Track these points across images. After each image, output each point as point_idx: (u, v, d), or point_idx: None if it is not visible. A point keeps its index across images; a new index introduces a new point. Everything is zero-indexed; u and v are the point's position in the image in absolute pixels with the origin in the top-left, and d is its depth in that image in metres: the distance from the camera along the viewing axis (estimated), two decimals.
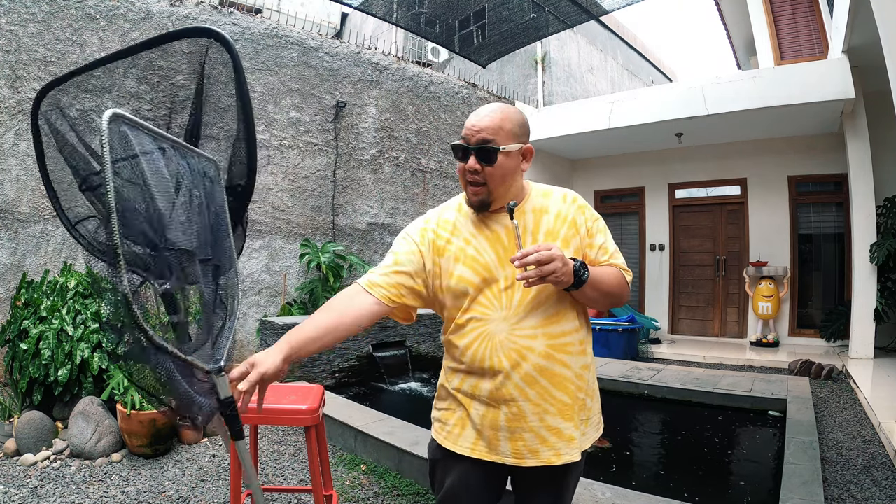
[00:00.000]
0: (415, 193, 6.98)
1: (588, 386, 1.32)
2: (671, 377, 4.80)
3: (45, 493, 2.58)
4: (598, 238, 1.34)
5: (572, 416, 1.27)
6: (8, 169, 4.17)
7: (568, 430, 1.26)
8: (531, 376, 1.24)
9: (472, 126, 1.25)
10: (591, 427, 1.34)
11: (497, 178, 1.25)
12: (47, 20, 4.34)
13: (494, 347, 1.25)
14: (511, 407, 1.25)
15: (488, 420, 1.27)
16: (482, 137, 1.24)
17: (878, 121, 5.83)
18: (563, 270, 1.13)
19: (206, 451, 3.24)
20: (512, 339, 1.24)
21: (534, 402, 1.24)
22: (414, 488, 2.68)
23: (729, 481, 2.97)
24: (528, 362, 1.23)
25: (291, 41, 5.72)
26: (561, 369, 1.25)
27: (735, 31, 10.52)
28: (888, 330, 6.02)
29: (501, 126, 1.25)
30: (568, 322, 1.27)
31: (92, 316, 3.53)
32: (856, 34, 5.06)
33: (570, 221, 1.32)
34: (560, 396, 1.25)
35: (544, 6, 5.70)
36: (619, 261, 1.36)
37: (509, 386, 1.24)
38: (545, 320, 1.25)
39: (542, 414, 1.24)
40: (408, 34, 9.41)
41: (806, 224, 7.34)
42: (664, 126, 6.83)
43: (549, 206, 1.34)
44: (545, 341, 1.24)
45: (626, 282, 1.34)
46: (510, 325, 1.24)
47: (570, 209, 1.34)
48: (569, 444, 1.26)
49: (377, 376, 4.96)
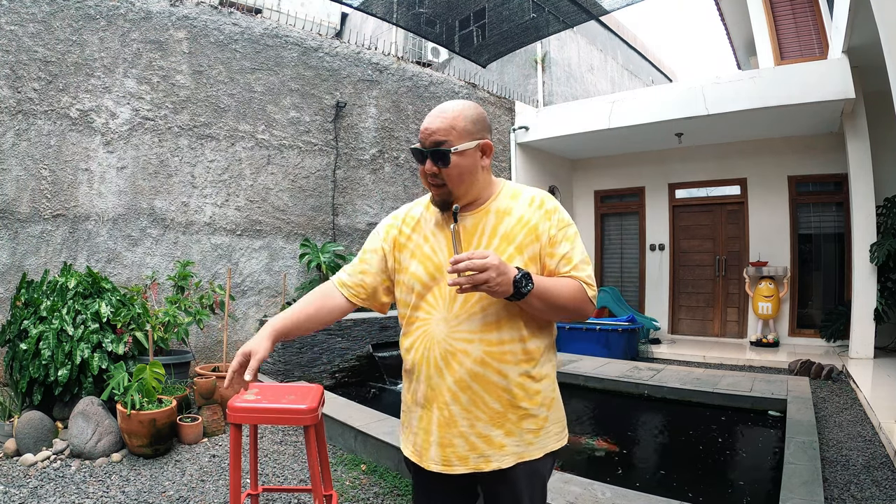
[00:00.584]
0: (415, 193, 6.98)
1: (535, 395, 1.26)
2: (671, 377, 4.80)
3: (45, 493, 2.58)
4: (561, 247, 1.26)
5: (504, 423, 1.23)
6: (8, 169, 4.17)
7: (498, 438, 1.23)
8: (464, 381, 1.22)
9: (425, 129, 1.25)
10: (540, 438, 1.27)
11: (454, 177, 1.24)
12: (47, 20, 4.34)
13: (432, 348, 1.25)
14: (443, 410, 1.25)
15: (423, 423, 1.28)
16: (434, 140, 1.23)
17: (878, 121, 5.83)
18: (496, 280, 1.08)
19: (206, 451, 3.24)
20: (449, 341, 1.23)
21: (464, 406, 1.23)
22: None
23: (729, 481, 2.97)
24: (463, 366, 1.22)
25: (291, 41, 5.72)
26: (495, 377, 1.22)
27: (735, 31, 10.52)
28: (888, 330, 6.02)
29: (453, 126, 1.23)
30: (510, 332, 1.23)
31: (92, 316, 3.53)
32: (856, 34, 5.06)
33: (530, 227, 1.26)
34: (492, 404, 1.23)
35: (544, 6, 5.70)
36: (584, 273, 1.26)
37: (442, 388, 1.24)
38: (484, 326, 1.22)
39: (473, 420, 1.23)
40: (408, 34, 9.42)
41: (806, 224, 7.34)
42: (664, 126, 6.83)
43: (513, 208, 1.30)
44: (482, 347, 1.22)
45: (585, 296, 1.24)
46: (450, 327, 1.24)
47: (534, 214, 1.28)
48: (499, 451, 1.23)
49: (377, 376, 4.96)
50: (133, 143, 4.73)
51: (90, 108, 4.53)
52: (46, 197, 4.33)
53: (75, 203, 4.45)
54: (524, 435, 1.25)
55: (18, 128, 4.22)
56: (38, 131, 4.30)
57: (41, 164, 4.30)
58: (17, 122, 4.21)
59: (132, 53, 4.72)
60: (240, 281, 5.28)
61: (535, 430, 1.26)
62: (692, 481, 2.90)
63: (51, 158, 4.35)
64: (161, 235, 4.85)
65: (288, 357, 4.38)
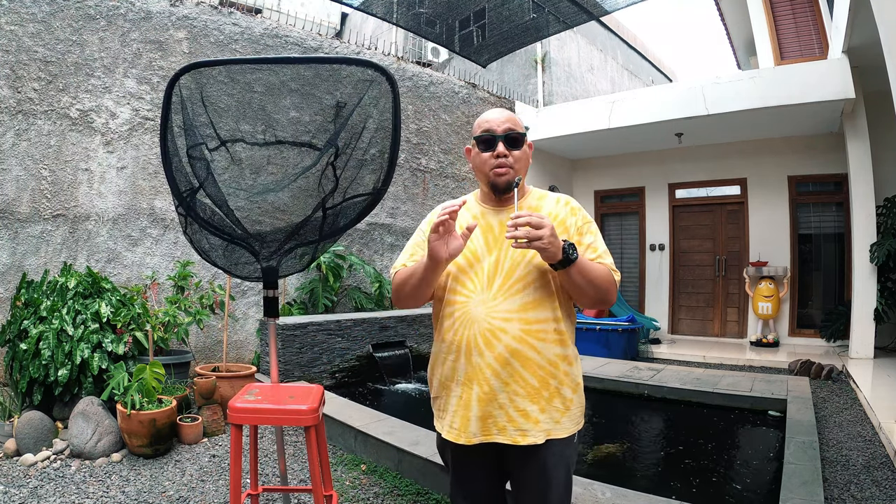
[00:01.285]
0: (415, 193, 6.98)
1: (565, 376, 1.37)
2: (671, 377, 4.79)
3: (45, 493, 2.58)
4: (587, 237, 1.41)
5: (539, 399, 1.33)
6: (8, 169, 4.17)
7: (534, 413, 1.32)
8: (503, 356, 1.32)
9: (496, 119, 1.43)
10: (566, 417, 1.37)
11: (522, 161, 1.44)
12: (47, 20, 4.34)
13: (472, 327, 1.35)
14: (483, 386, 1.33)
15: (463, 401, 1.36)
16: (508, 127, 1.42)
17: (878, 121, 5.83)
18: (549, 240, 1.20)
19: (206, 451, 3.24)
20: (488, 320, 1.33)
21: (504, 381, 1.32)
22: (414, 488, 2.68)
23: (729, 481, 2.97)
24: (502, 343, 1.32)
25: (291, 41, 5.72)
26: (532, 353, 1.33)
27: (735, 31, 10.52)
28: (888, 330, 6.02)
29: (517, 121, 1.46)
30: (545, 311, 1.35)
31: (92, 316, 3.52)
32: (856, 34, 5.06)
33: (558, 221, 1.41)
34: (530, 380, 1.33)
35: (544, 6, 5.70)
36: (608, 261, 1.40)
37: (481, 365, 1.33)
38: (522, 306, 1.33)
39: (512, 395, 1.32)
40: (408, 34, 9.41)
41: (806, 224, 7.34)
42: (664, 126, 6.83)
43: (542, 206, 1.47)
44: (519, 325, 1.32)
45: (613, 280, 1.38)
46: (488, 307, 1.34)
47: (560, 210, 1.45)
48: (534, 426, 1.32)
49: (377, 376, 4.96)
50: (133, 143, 4.73)
51: (90, 108, 4.53)
52: (46, 197, 4.33)
53: (75, 203, 4.45)
54: (553, 413, 1.35)
55: (18, 128, 4.22)
56: (38, 131, 4.30)
57: (41, 164, 4.30)
58: (17, 122, 4.21)
59: (132, 53, 4.72)
60: (240, 281, 5.28)
61: (562, 409, 1.36)
62: (692, 481, 2.90)
63: (51, 158, 4.35)
64: (161, 235, 4.85)
65: (288, 357, 4.38)
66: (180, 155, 1.79)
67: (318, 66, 1.77)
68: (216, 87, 1.77)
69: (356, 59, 1.74)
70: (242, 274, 1.88)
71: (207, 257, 1.88)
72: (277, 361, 3.92)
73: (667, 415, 4.32)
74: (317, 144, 1.82)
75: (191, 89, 1.74)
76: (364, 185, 1.79)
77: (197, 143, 1.80)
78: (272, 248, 1.82)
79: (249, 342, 5.36)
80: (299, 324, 4.50)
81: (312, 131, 1.83)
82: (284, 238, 1.82)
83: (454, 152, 7.42)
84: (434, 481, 2.63)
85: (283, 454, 1.91)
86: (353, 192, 1.81)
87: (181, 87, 1.72)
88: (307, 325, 4.55)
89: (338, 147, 1.80)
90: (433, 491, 2.63)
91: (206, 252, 1.87)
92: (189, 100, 1.74)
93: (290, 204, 1.82)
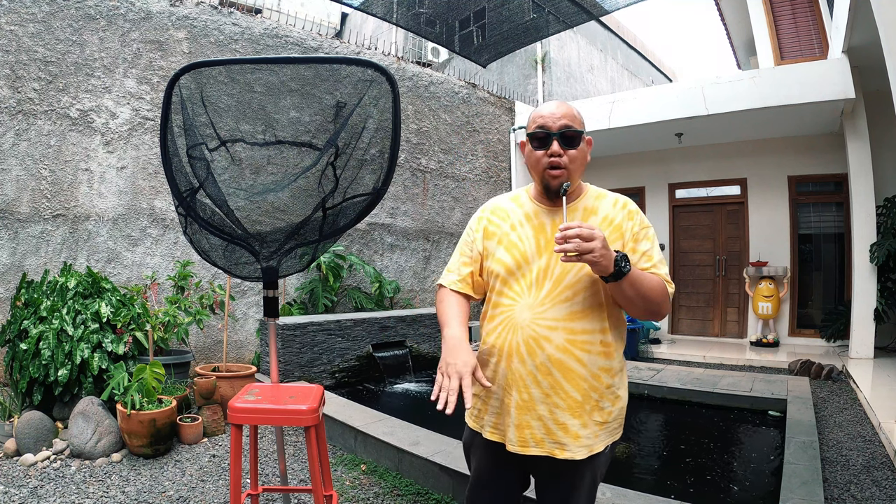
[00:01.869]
0: (415, 193, 6.98)
1: (606, 389, 1.31)
2: (671, 377, 4.79)
3: (45, 493, 2.58)
4: (642, 244, 1.33)
5: (581, 413, 1.28)
6: (8, 169, 4.17)
7: (574, 427, 1.27)
8: (545, 366, 1.27)
9: (551, 114, 1.33)
10: (605, 431, 1.32)
11: (578, 161, 1.34)
12: (47, 20, 4.34)
13: (516, 332, 1.30)
14: (522, 393, 1.29)
15: (503, 405, 1.34)
16: (563, 123, 1.31)
17: (878, 121, 5.83)
18: (601, 252, 1.12)
19: (206, 451, 3.24)
20: (533, 326, 1.28)
21: (545, 391, 1.28)
22: (414, 488, 2.68)
23: (729, 481, 2.96)
24: (545, 352, 1.27)
25: (291, 41, 5.72)
26: (575, 365, 1.27)
27: (735, 31, 10.52)
28: (888, 330, 6.02)
29: (575, 116, 1.34)
30: (592, 322, 1.28)
31: (92, 316, 3.52)
32: (856, 34, 5.06)
33: (614, 226, 1.33)
34: (571, 392, 1.27)
35: (544, 6, 5.70)
36: (663, 271, 1.31)
37: (523, 372, 1.29)
38: (569, 315, 1.27)
39: (552, 407, 1.28)
40: (408, 34, 9.42)
41: (806, 224, 7.34)
42: (664, 126, 6.83)
43: (598, 207, 1.37)
44: (564, 335, 1.27)
45: (666, 292, 1.29)
46: (534, 313, 1.29)
47: (617, 214, 1.35)
48: (574, 441, 1.27)
49: (377, 376, 4.96)
50: (133, 143, 4.73)
51: (90, 108, 4.53)
52: (46, 197, 4.33)
53: (75, 203, 4.45)
54: (594, 427, 1.29)
55: (18, 128, 4.22)
56: (38, 131, 4.30)
57: (41, 164, 4.30)
58: (17, 122, 4.21)
59: (132, 53, 4.72)
60: (240, 281, 5.28)
61: (601, 422, 1.31)
62: (692, 481, 2.90)
63: (51, 158, 4.35)
64: (161, 235, 4.85)
65: (288, 357, 4.38)
66: (180, 155, 1.79)
67: (318, 66, 1.77)
68: (216, 87, 1.77)
69: (356, 59, 1.74)
70: (242, 274, 1.88)
71: (207, 257, 1.88)
72: (277, 361, 3.91)
73: (667, 415, 4.32)
74: (317, 144, 1.82)
75: (191, 89, 1.74)
76: (364, 185, 1.79)
77: (197, 143, 1.80)
78: (272, 248, 1.82)
79: (249, 342, 5.36)
80: (299, 324, 4.50)
81: (312, 131, 1.83)
82: (284, 238, 1.82)
83: (454, 152, 7.42)
84: (434, 481, 2.63)
85: (283, 454, 1.91)
86: (353, 192, 1.81)
87: (181, 87, 1.72)
88: (307, 325, 4.55)
89: (338, 147, 1.81)
90: (433, 491, 2.63)
91: (206, 252, 1.87)
92: (189, 100, 1.74)
93: (290, 204, 1.83)
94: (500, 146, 8.12)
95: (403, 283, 6.85)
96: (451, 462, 2.57)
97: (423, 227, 7.08)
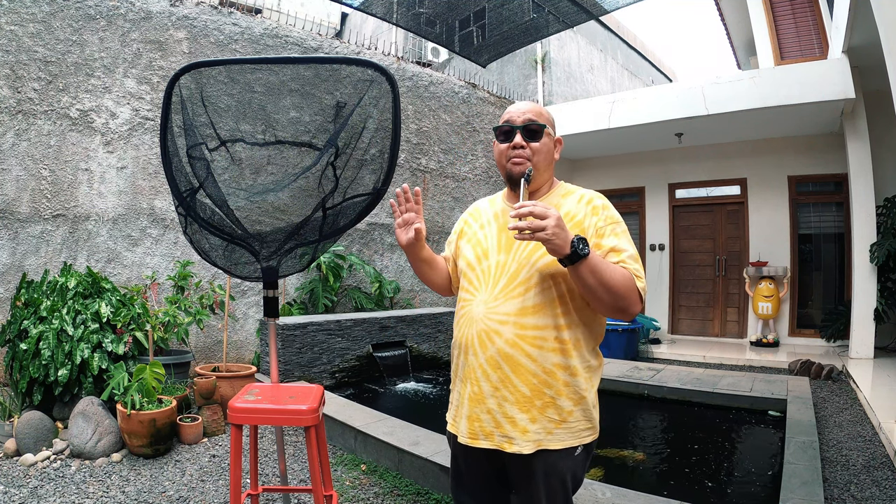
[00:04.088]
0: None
1: (564, 387, 1.28)
2: (671, 377, 4.79)
3: (45, 493, 2.58)
4: (608, 240, 1.29)
5: (530, 408, 1.28)
6: (8, 169, 4.17)
7: (522, 422, 1.27)
8: (495, 359, 1.30)
9: (517, 110, 1.39)
10: (562, 429, 1.29)
11: (542, 154, 1.38)
12: (47, 20, 4.34)
13: (471, 326, 1.35)
14: (473, 386, 1.33)
15: (459, 398, 1.39)
16: (528, 118, 1.37)
17: (878, 121, 5.83)
18: (553, 231, 1.11)
19: (206, 451, 3.24)
20: (485, 321, 1.32)
21: (494, 384, 1.30)
22: (414, 488, 2.68)
23: (729, 481, 2.97)
24: (495, 345, 1.29)
25: (291, 41, 5.72)
26: (524, 360, 1.28)
27: (735, 31, 10.52)
28: (888, 330, 6.02)
29: (541, 112, 1.41)
30: (545, 318, 1.28)
31: (92, 316, 3.52)
32: (856, 34, 5.06)
33: (576, 222, 1.33)
34: (520, 386, 1.28)
35: (544, 6, 5.70)
36: (632, 266, 1.26)
37: (474, 365, 1.33)
38: (520, 310, 1.29)
39: (501, 400, 1.29)
40: (408, 34, 9.41)
41: (806, 224, 7.34)
42: (664, 126, 6.83)
43: (562, 204, 1.38)
44: (514, 329, 1.28)
45: (635, 286, 1.23)
46: (488, 308, 1.33)
47: (580, 210, 1.35)
48: (522, 436, 1.27)
49: (377, 376, 4.96)
50: (133, 143, 4.73)
51: (90, 108, 4.53)
52: (46, 197, 4.33)
53: (75, 203, 4.45)
54: (545, 423, 1.28)
55: (18, 128, 4.22)
56: (38, 131, 4.30)
57: (41, 164, 4.30)
58: (17, 122, 4.21)
59: (132, 53, 4.72)
60: (240, 281, 5.28)
61: (557, 420, 1.29)
62: (692, 481, 2.90)
63: (51, 158, 4.35)
64: (161, 235, 4.85)
65: (288, 357, 4.38)
66: (180, 155, 1.79)
67: (317, 66, 1.77)
68: (216, 87, 1.77)
69: (356, 59, 1.74)
70: (242, 274, 1.88)
71: (207, 257, 1.88)
72: (277, 361, 3.91)
73: (667, 415, 4.32)
74: (317, 144, 1.82)
75: (191, 89, 1.74)
76: (364, 185, 1.79)
77: (197, 143, 1.80)
78: (272, 248, 1.82)
79: (249, 342, 5.36)
80: (299, 324, 4.51)
81: (312, 131, 1.83)
82: (284, 238, 1.82)
83: (454, 152, 7.42)
84: (434, 481, 2.64)
85: (283, 454, 1.91)
86: (353, 192, 1.81)
87: (181, 87, 1.72)
88: (307, 325, 4.55)
89: (338, 147, 1.81)
90: (433, 491, 2.63)
91: (206, 252, 1.88)
92: (189, 100, 1.74)
93: (290, 204, 1.83)
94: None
95: (403, 283, 6.85)
96: None
97: None
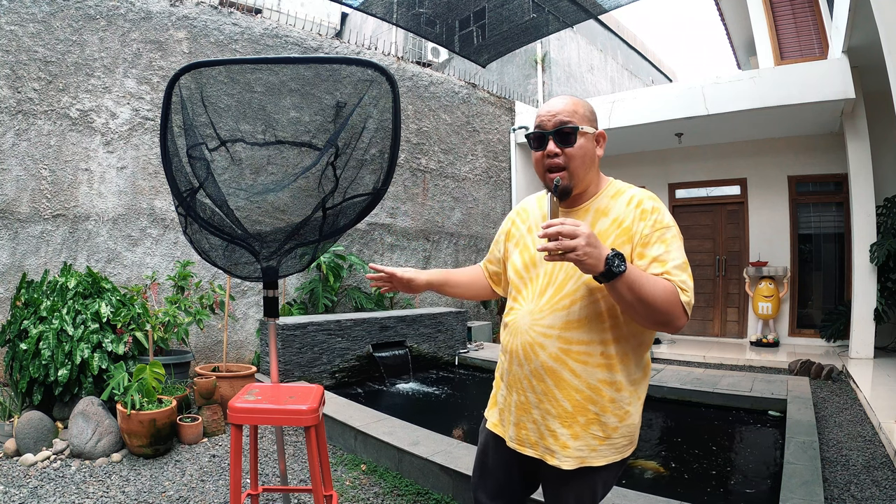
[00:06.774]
0: (415, 193, 6.98)
1: (609, 403, 1.24)
2: (671, 377, 4.79)
3: (45, 493, 2.58)
4: (654, 249, 1.19)
5: (572, 424, 1.24)
6: (8, 169, 4.17)
7: (563, 437, 1.25)
8: (539, 372, 1.27)
9: (548, 112, 1.27)
10: (606, 445, 1.25)
11: (578, 159, 1.25)
12: (47, 20, 4.34)
13: (518, 336, 1.31)
14: (520, 395, 1.32)
15: (505, 402, 1.38)
16: (559, 120, 1.25)
17: (878, 121, 5.83)
18: (585, 250, 1.02)
19: (206, 451, 3.24)
20: (530, 333, 1.28)
21: (538, 396, 1.28)
22: (414, 488, 2.68)
23: (729, 481, 2.96)
24: (539, 358, 1.26)
25: (291, 41, 5.72)
26: (568, 375, 1.23)
27: (735, 31, 10.52)
28: (888, 330, 6.02)
29: (576, 110, 1.27)
30: (590, 333, 1.22)
31: (92, 316, 3.52)
32: (856, 34, 5.06)
33: (623, 228, 1.23)
34: (562, 401, 1.24)
35: (544, 6, 5.70)
36: (677, 277, 1.16)
37: (520, 375, 1.31)
38: (565, 324, 1.23)
39: (544, 413, 1.27)
40: (408, 34, 9.41)
41: (806, 224, 7.34)
42: (664, 126, 6.84)
43: (611, 208, 1.27)
44: (558, 343, 1.24)
45: (678, 300, 1.13)
46: (533, 319, 1.28)
47: (629, 214, 1.24)
48: (563, 450, 1.25)
49: (377, 376, 4.95)
50: (133, 143, 4.73)
51: (90, 108, 4.53)
52: (46, 197, 4.33)
53: (75, 203, 4.45)
54: (589, 440, 1.24)
55: (18, 128, 4.22)
56: (38, 131, 4.30)
57: (41, 164, 4.30)
58: (17, 122, 4.21)
59: (132, 53, 4.72)
60: (240, 281, 5.28)
61: (601, 437, 1.24)
62: (692, 481, 2.90)
63: (51, 158, 4.35)
64: (161, 235, 4.85)
65: (288, 357, 4.38)
66: (180, 155, 1.79)
67: (317, 66, 1.77)
68: (216, 87, 1.77)
69: (356, 59, 1.74)
70: (242, 274, 1.89)
71: (207, 257, 1.88)
72: (277, 361, 3.92)
73: (666, 415, 4.32)
74: (317, 144, 1.82)
75: (191, 89, 1.74)
76: (364, 185, 1.79)
77: (197, 143, 1.80)
78: (272, 248, 1.82)
79: (249, 342, 5.36)
80: (299, 324, 4.51)
81: (312, 131, 1.83)
82: (284, 238, 1.83)
83: (454, 152, 7.42)
84: (434, 481, 2.63)
85: (283, 454, 1.91)
86: (353, 192, 1.81)
87: (181, 87, 1.72)
88: (307, 325, 4.55)
89: (338, 147, 1.81)
90: (433, 491, 2.63)
91: (206, 252, 1.88)
92: (189, 100, 1.74)
93: (290, 204, 1.83)
94: (500, 146, 8.12)
95: None
96: (451, 462, 2.57)
97: (422, 227, 7.08)
